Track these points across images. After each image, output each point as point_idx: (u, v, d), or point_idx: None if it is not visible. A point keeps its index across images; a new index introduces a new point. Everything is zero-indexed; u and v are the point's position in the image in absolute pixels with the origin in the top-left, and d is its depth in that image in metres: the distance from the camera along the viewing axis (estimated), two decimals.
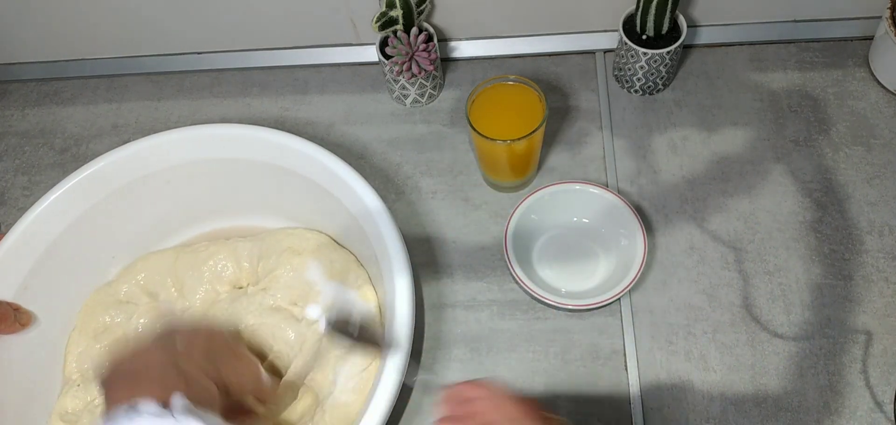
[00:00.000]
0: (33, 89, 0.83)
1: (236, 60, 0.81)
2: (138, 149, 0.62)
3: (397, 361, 0.49)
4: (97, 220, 0.62)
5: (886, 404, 0.54)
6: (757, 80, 0.72)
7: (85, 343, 0.60)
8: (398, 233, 0.55)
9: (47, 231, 0.59)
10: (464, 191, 0.68)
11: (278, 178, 0.62)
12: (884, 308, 0.58)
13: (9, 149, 0.79)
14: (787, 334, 0.58)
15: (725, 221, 0.64)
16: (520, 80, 0.62)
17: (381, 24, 0.67)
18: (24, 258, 0.58)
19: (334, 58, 0.79)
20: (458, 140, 0.72)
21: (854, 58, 0.72)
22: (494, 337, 0.60)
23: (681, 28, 0.68)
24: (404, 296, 0.52)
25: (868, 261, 0.60)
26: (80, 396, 0.58)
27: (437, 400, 0.44)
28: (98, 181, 0.61)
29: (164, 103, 0.80)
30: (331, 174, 0.58)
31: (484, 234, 0.66)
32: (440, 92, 0.75)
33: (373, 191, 0.57)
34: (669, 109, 0.71)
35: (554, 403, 0.56)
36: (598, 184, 0.62)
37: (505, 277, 0.63)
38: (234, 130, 0.62)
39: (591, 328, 0.59)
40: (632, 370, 0.57)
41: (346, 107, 0.76)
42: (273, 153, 0.61)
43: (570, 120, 0.71)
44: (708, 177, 0.66)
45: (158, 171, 0.63)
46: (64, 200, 0.60)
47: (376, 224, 0.55)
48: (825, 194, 0.64)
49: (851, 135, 0.67)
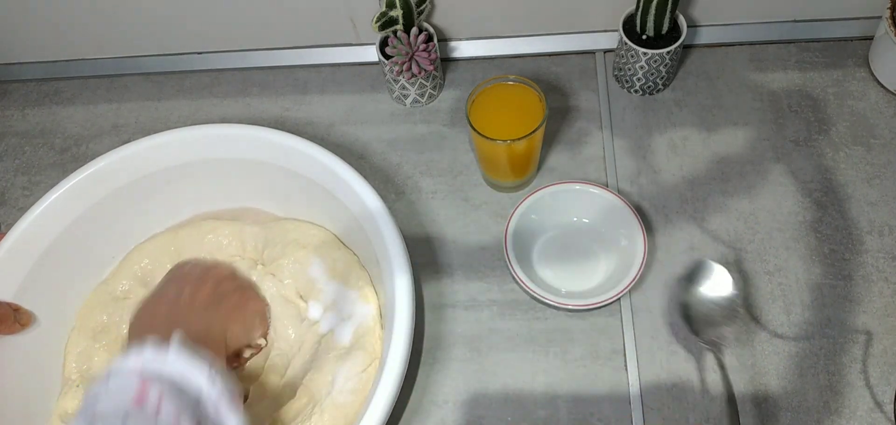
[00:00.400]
0: (33, 89, 0.84)
1: (236, 60, 0.81)
2: (138, 149, 0.62)
3: (397, 362, 0.49)
4: (97, 220, 0.62)
5: (886, 404, 0.54)
6: (757, 80, 0.72)
7: (84, 343, 0.60)
8: (398, 233, 0.55)
9: (47, 231, 0.59)
10: (464, 191, 0.68)
11: (279, 179, 0.62)
12: (884, 308, 0.58)
13: (9, 149, 0.79)
14: (787, 334, 0.58)
15: (725, 221, 0.64)
16: (520, 80, 0.62)
17: (381, 24, 0.67)
18: (24, 258, 0.58)
19: (334, 58, 0.79)
20: (458, 140, 0.72)
21: (854, 58, 0.72)
22: (494, 337, 0.60)
23: (681, 28, 0.68)
24: (404, 296, 0.52)
25: (868, 261, 0.60)
26: (80, 396, 0.58)
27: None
28: (98, 181, 0.61)
29: (164, 103, 0.80)
30: (332, 174, 0.58)
31: (484, 234, 0.66)
32: (440, 92, 0.75)
33: (373, 191, 0.57)
34: (669, 109, 0.71)
35: (554, 403, 0.56)
36: (598, 184, 0.62)
37: (505, 277, 0.63)
38: (235, 130, 0.62)
39: (591, 328, 0.59)
40: (632, 370, 0.57)
41: (346, 107, 0.76)
42: (274, 153, 0.61)
43: (570, 120, 0.71)
44: (708, 177, 0.66)
45: (158, 171, 0.63)
46: (64, 200, 0.60)
47: (377, 224, 0.55)
48: (825, 194, 0.64)
49: (851, 135, 0.67)
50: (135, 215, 0.64)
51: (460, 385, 0.58)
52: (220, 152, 0.62)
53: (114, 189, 0.62)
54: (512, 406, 0.57)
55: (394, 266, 0.53)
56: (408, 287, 0.52)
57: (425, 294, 0.63)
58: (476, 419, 0.57)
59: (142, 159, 0.62)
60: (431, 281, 0.63)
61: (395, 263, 0.53)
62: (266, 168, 0.62)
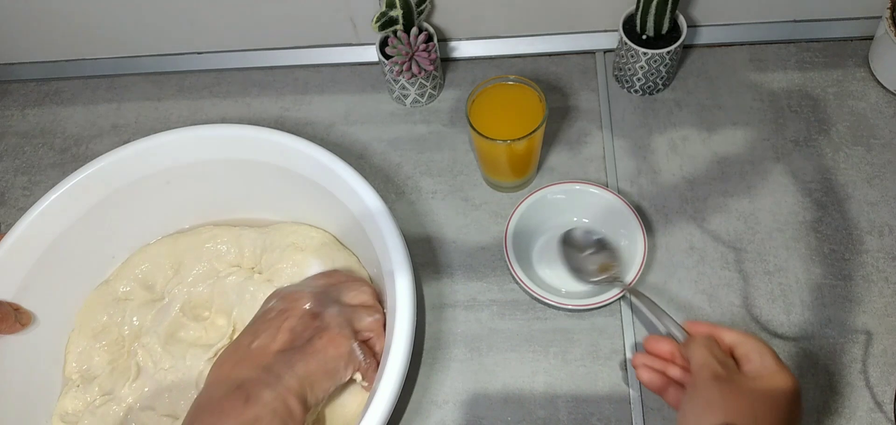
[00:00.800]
0: (33, 89, 0.84)
1: (236, 60, 0.81)
2: (138, 149, 0.61)
3: (398, 363, 0.49)
4: (97, 221, 0.62)
5: (886, 404, 0.54)
6: (757, 80, 0.72)
7: (84, 342, 0.60)
8: (399, 233, 0.55)
9: (47, 231, 0.59)
10: (464, 191, 0.68)
11: (279, 179, 0.62)
12: (884, 308, 0.58)
13: (9, 149, 0.79)
14: (787, 334, 0.58)
15: (725, 221, 0.64)
16: (520, 80, 0.62)
17: (381, 24, 0.67)
18: (24, 258, 0.58)
19: (334, 58, 0.79)
20: (458, 140, 0.72)
21: (854, 58, 0.72)
22: (494, 337, 0.60)
23: (681, 28, 0.68)
24: (405, 296, 0.52)
25: (868, 261, 0.60)
26: (80, 396, 0.58)
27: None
28: (98, 181, 0.61)
29: (164, 103, 0.80)
30: (331, 174, 0.58)
31: (484, 234, 0.66)
32: (440, 92, 0.75)
33: (373, 190, 0.57)
34: (669, 109, 0.71)
35: (554, 403, 0.57)
36: (598, 184, 0.62)
37: (505, 277, 0.63)
38: (235, 131, 0.62)
39: (591, 328, 0.59)
40: (632, 370, 0.57)
41: (346, 108, 0.76)
42: (273, 153, 0.61)
43: (570, 120, 0.71)
44: (708, 177, 0.66)
45: (158, 172, 0.63)
46: (64, 200, 0.60)
47: (377, 224, 0.55)
48: (825, 194, 0.64)
49: (851, 135, 0.67)
50: (135, 216, 0.64)
51: (460, 385, 0.58)
52: (220, 153, 0.62)
53: (114, 189, 0.62)
54: (512, 406, 0.57)
55: (394, 266, 0.53)
56: (408, 287, 0.52)
57: (425, 294, 0.63)
58: (476, 419, 0.57)
59: (142, 159, 0.62)
60: (431, 281, 0.63)
61: (396, 263, 0.53)
62: (266, 168, 0.62)
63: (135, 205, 0.63)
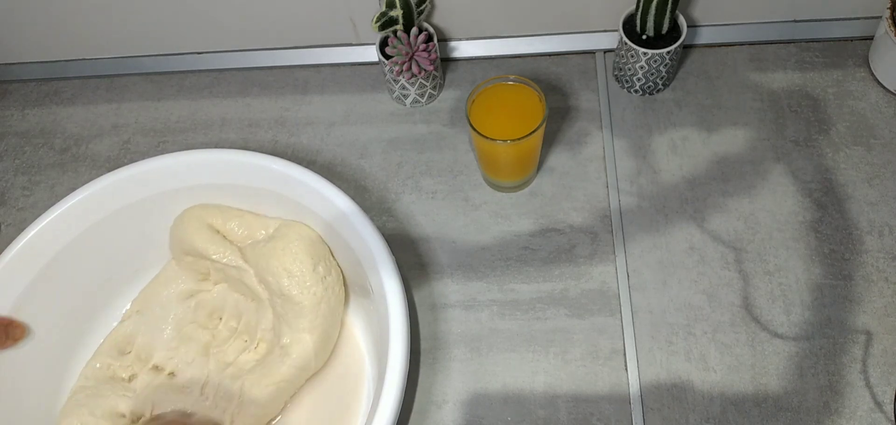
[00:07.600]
0: (33, 89, 0.84)
1: (236, 60, 0.81)
2: (116, 179, 0.60)
3: (398, 363, 0.49)
4: (94, 240, 0.60)
5: (886, 404, 0.54)
6: (757, 80, 0.72)
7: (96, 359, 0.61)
8: (379, 234, 0.54)
9: (45, 250, 0.58)
10: (464, 191, 0.68)
11: (260, 198, 0.61)
12: (884, 308, 0.58)
13: (9, 149, 0.79)
14: (787, 334, 0.58)
15: (725, 221, 0.64)
16: (520, 80, 0.62)
17: (381, 24, 0.67)
18: (20, 276, 0.57)
19: (334, 58, 0.80)
20: (458, 140, 0.72)
21: (854, 58, 0.72)
22: (494, 337, 0.60)
23: (681, 28, 0.68)
24: (396, 297, 0.51)
25: (868, 261, 0.60)
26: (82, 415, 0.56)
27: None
28: (95, 204, 0.60)
29: (164, 103, 0.80)
30: (300, 184, 0.57)
31: (484, 234, 0.66)
32: (440, 92, 0.75)
33: (344, 194, 0.56)
34: (669, 109, 0.71)
35: (554, 403, 0.57)
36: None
37: (505, 277, 0.63)
38: (195, 157, 0.60)
39: (591, 328, 0.60)
40: (632, 370, 0.57)
41: (346, 108, 0.76)
42: (237, 174, 0.59)
43: (570, 120, 0.71)
44: (708, 177, 0.66)
45: (134, 203, 0.61)
46: (63, 219, 0.58)
47: (354, 227, 0.54)
48: (825, 194, 0.64)
49: (851, 135, 0.67)
50: (127, 240, 0.63)
51: (460, 385, 0.58)
52: (190, 179, 0.61)
53: (111, 211, 0.60)
54: (512, 406, 0.57)
55: (380, 268, 0.52)
56: (397, 290, 0.51)
57: (424, 295, 0.63)
58: (476, 419, 0.57)
59: (117, 190, 0.60)
60: (431, 280, 0.63)
61: (381, 265, 0.52)
62: (262, 191, 0.60)
63: (128, 228, 0.62)
